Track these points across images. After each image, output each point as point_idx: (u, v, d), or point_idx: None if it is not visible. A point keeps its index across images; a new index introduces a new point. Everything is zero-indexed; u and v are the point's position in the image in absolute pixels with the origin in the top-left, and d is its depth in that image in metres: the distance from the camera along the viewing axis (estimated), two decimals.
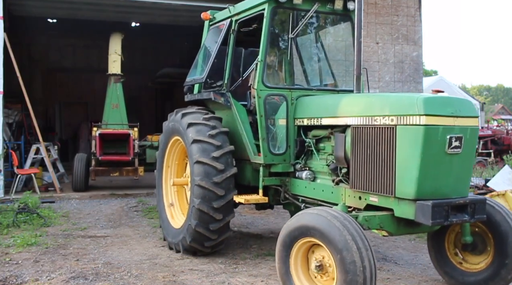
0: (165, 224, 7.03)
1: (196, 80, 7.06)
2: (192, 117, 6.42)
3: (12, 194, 11.07)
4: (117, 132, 12.59)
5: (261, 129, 5.88)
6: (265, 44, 5.89)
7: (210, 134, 6.16)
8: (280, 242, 4.53)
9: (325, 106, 5.58)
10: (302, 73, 7.08)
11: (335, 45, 7.87)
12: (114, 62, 13.31)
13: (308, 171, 5.87)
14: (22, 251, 6.82)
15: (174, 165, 7.17)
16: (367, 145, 4.85)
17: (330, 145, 5.58)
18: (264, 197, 6.06)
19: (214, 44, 6.81)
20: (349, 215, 4.38)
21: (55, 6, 15.24)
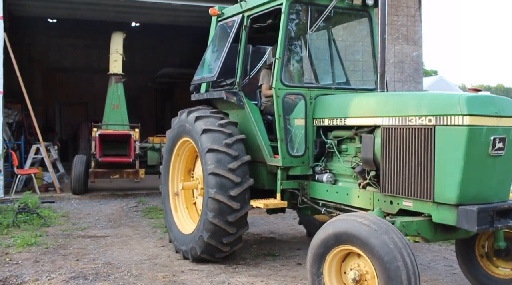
0: (172, 228, 6.77)
1: (206, 78, 6.71)
2: (206, 122, 6.05)
3: (12, 194, 11.07)
4: (117, 133, 12.25)
5: (280, 130, 5.63)
6: (283, 41, 5.64)
7: (227, 143, 5.84)
8: (313, 250, 4.23)
9: (350, 106, 5.29)
10: (319, 71, 6.82)
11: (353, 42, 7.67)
12: (115, 62, 12.97)
13: (329, 173, 5.60)
14: (22, 251, 6.82)
15: (181, 166, 6.89)
16: (400, 146, 4.57)
17: (355, 146, 5.32)
18: (284, 202, 5.78)
19: (223, 41, 6.54)
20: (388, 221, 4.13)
21: (55, 6, 15.23)
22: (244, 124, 6.19)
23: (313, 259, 4.22)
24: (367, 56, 6.52)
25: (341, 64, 6.62)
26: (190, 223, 6.61)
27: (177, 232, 6.60)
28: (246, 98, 6.17)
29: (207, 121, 6.07)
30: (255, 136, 6.04)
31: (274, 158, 5.84)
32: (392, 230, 3.84)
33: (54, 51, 22.23)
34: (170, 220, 6.81)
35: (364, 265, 3.95)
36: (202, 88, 7.07)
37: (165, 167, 6.96)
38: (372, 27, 6.27)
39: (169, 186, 6.92)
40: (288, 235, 8.03)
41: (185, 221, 6.71)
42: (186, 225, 6.63)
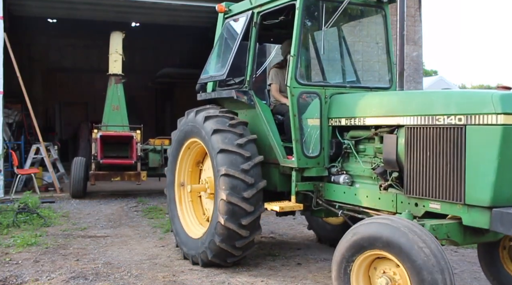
0: (179, 232, 6.51)
1: (215, 77, 6.48)
2: (216, 122, 5.84)
3: (12, 194, 11.08)
4: (119, 135, 11.89)
5: (295, 130, 5.42)
6: (297, 38, 5.43)
7: (239, 144, 5.66)
8: (340, 254, 4.07)
9: (370, 105, 5.11)
10: (333, 70, 6.65)
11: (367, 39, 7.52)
12: (115, 62, 12.70)
13: (346, 175, 5.40)
14: (22, 251, 6.82)
15: (188, 167, 6.66)
16: (426, 147, 4.39)
17: (374, 146, 5.13)
18: (299, 204, 5.57)
19: (231, 38, 6.37)
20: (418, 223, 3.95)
21: (55, 6, 15.24)
22: (254, 124, 6.03)
23: (340, 264, 4.07)
24: (381, 54, 6.34)
25: (351, 62, 6.48)
26: (199, 227, 6.42)
27: (185, 237, 6.38)
28: (257, 97, 6.03)
29: (217, 121, 5.87)
30: (267, 136, 5.88)
31: (288, 159, 5.66)
32: (426, 234, 3.70)
33: (54, 51, 22.24)
34: (177, 225, 6.56)
35: (395, 271, 3.81)
36: (208, 87, 6.88)
37: (171, 170, 6.73)
38: (387, 24, 6.10)
39: (175, 189, 6.69)
40: (288, 235, 8.03)
41: (193, 225, 6.50)
42: (194, 229, 6.41)
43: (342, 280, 4.06)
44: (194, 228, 6.42)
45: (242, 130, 5.84)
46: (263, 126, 5.93)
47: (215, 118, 5.91)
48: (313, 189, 5.61)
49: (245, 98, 6.00)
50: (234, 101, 6.14)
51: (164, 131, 21.46)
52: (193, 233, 6.32)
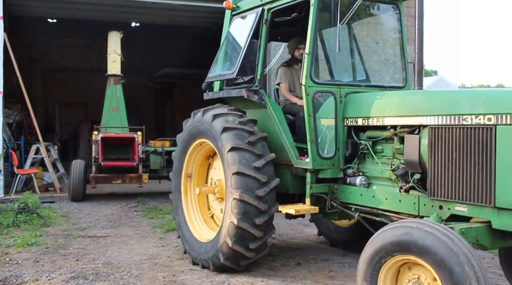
0: (187, 237, 6.29)
1: (224, 75, 6.27)
2: (226, 120, 5.68)
3: (12, 194, 11.08)
4: (121, 136, 11.59)
5: (310, 130, 5.26)
6: (312, 35, 5.28)
7: (249, 141, 5.49)
8: (366, 259, 3.94)
9: (389, 104, 4.98)
10: (347, 68, 6.42)
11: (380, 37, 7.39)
12: (113, 62, 12.45)
13: (362, 176, 5.24)
14: (22, 251, 6.82)
15: (195, 170, 6.45)
16: (452, 147, 4.23)
17: (393, 147, 4.98)
18: (315, 207, 5.40)
19: (240, 36, 6.20)
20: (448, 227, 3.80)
21: (55, 6, 15.24)
22: (264, 124, 5.88)
23: (366, 269, 3.93)
24: (395, 52, 6.17)
25: (361, 60, 6.37)
26: (207, 231, 6.24)
27: (193, 241, 6.16)
28: (267, 97, 5.91)
29: (226, 119, 5.71)
30: (278, 136, 5.72)
31: (301, 160, 5.50)
32: (459, 239, 3.55)
33: (54, 51, 22.23)
34: (184, 230, 6.35)
35: (426, 277, 3.68)
36: (215, 86, 6.71)
37: (177, 173, 6.51)
38: (401, 21, 5.98)
39: (181, 193, 6.49)
40: (288, 235, 8.03)
41: (202, 229, 6.30)
42: (203, 233, 6.22)
43: (369, 283, 3.93)
44: (203, 232, 6.24)
45: (252, 127, 5.68)
46: (274, 126, 5.78)
47: (224, 116, 5.75)
48: (327, 191, 5.45)
49: (256, 98, 5.85)
50: (243, 100, 6.01)
51: (164, 131, 21.53)
52: (201, 237, 6.15)
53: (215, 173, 6.24)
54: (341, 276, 5.84)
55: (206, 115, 5.93)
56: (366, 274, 3.93)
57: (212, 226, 6.32)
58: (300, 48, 6.43)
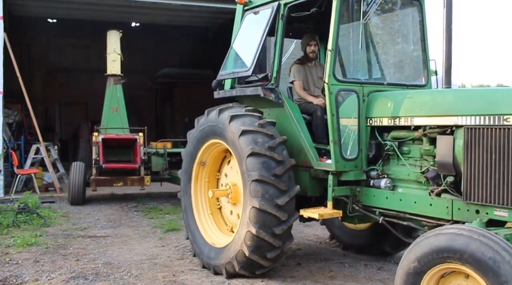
0: (197, 241, 6.07)
1: (239, 73, 6.01)
2: (244, 122, 5.41)
3: (12, 194, 11.07)
4: (122, 137, 11.25)
5: (333, 131, 5.05)
6: (335, 31, 5.07)
7: (270, 146, 5.24)
8: (407, 267, 3.76)
9: (419, 103, 4.79)
10: (369, 65, 6.19)
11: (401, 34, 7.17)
12: (113, 62, 12.10)
13: (387, 178, 5.06)
14: (22, 251, 6.82)
15: (206, 171, 6.22)
16: (491, 149, 4.05)
17: (422, 148, 4.79)
18: (338, 211, 5.19)
19: (253, 32, 5.98)
20: None
21: (55, 6, 15.25)
22: (280, 124, 5.63)
23: (406, 278, 3.74)
24: (416, 49, 6.02)
25: (377, 58, 6.19)
26: (219, 235, 6.04)
27: (204, 246, 5.95)
28: (284, 95, 5.70)
29: (244, 120, 5.43)
30: (296, 137, 5.52)
31: (322, 162, 5.31)
32: (507, 244, 3.39)
33: (54, 51, 22.22)
34: (194, 233, 6.13)
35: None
36: (226, 84, 6.48)
37: (187, 173, 6.27)
38: (423, 17, 5.78)
39: (191, 194, 6.25)
40: None
41: (213, 233, 6.09)
42: (214, 237, 6.02)
43: None
44: (215, 236, 6.04)
45: (271, 130, 5.43)
46: (291, 126, 5.57)
47: (242, 118, 5.48)
48: (349, 194, 5.25)
49: (272, 96, 5.63)
50: (257, 99, 5.80)
51: (164, 132, 21.53)
52: (213, 241, 5.95)
53: (228, 177, 6.03)
54: (341, 276, 5.84)
55: (223, 115, 5.64)
56: (407, 282, 3.75)
57: (222, 227, 6.14)
58: (312, 45, 6.30)
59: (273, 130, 5.46)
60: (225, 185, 5.98)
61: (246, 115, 5.54)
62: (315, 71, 6.41)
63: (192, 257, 6.46)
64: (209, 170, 6.22)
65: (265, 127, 5.41)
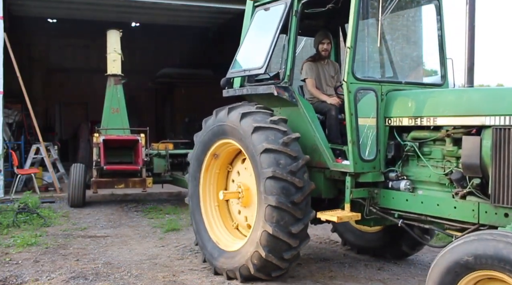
0: (207, 245, 5.88)
1: (250, 71, 5.83)
2: (256, 119, 5.27)
3: (12, 194, 11.07)
4: (124, 138, 10.98)
5: (352, 131, 4.92)
6: (354, 28, 4.93)
7: (284, 142, 5.09)
8: (438, 277, 3.65)
9: (443, 103, 4.66)
10: (387, 64, 6.07)
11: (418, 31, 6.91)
12: (114, 62, 11.80)
13: (407, 180, 4.92)
14: (22, 251, 6.82)
15: (215, 172, 6.06)
16: None
17: (444, 149, 4.64)
18: (357, 214, 5.02)
19: (264, 28, 5.85)
20: None
21: (55, 6, 15.26)
22: (292, 123, 5.45)
23: (440, 282, 3.63)
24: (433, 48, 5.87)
25: (389, 56, 6.10)
26: (230, 238, 5.89)
27: (215, 249, 5.77)
28: (298, 94, 5.57)
29: (256, 117, 5.29)
30: (310, 137, 5.36)
31: (339, 163, 5.17)
32: None
33: (54, 51, 22.21)
34: (204, 237, 5.94)
35: None
36: (235, 82, 6.30)
37: (194, 176, 6.10)
38: (440, 14, 5.67)
39: (200, 197, 6.06)
40: None
41: (223, 236, 5.91)
42: (225, 240, 5.85)
43: None
44: (226, 240, 5.87)
45: (285, 127, 5.29)
46: (305, 125, 5.43)
47: (253, 115, 5.34)
48: (367, 196, 5.12)
49: (286, 95, 5.46)
50: (267, 98, 5.67)
51: (164, 132, 21.53)
52: (224, 245, 5.79)
53: (238, 177, 5.89)
54: (341, 276, 5.84)
55: (232, 114, 5.49)
56: None
57: (233, 232, 6.00)
58: (324, 43, 6.18)
59: (286, 127, 5.31)
60: (238, 187, 5.77)
61: (258, 112, 5.40)
62: (327, 69, 6.29)
63: (192, 257, 6.47)
64: (220, 164, 6.05)
65: (278, 123, 5.28)
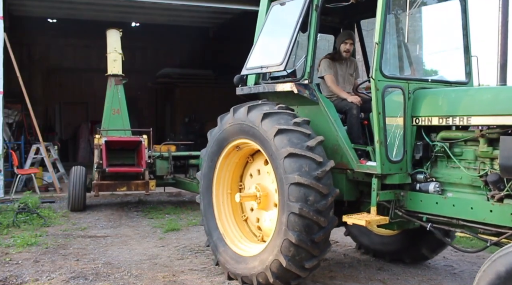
0: (220, 249, 5.65)
1: (268, 68, 5.57)
2: (279, 120, 5.03)
3: (12, 194, 11.06)
4: (127, 140, 10.63)
5: (379, 131, 4.73)
6: (382, 22, 4.75)
7: (309, 146, 4.87)
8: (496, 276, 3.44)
9: (478, 102, 4.48)
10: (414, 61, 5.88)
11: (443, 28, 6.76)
12: (114, 61, 11.47)
13: (436, 182, 4.75)
14: (22, 251, 6.82)
15: (229, 173, 5.82)
16: None
17: (478, 150, 4.46)
18: (385, 217, 4.84)
19: (282, 25, 5.68)
20: None
21: (55, 6, 15.28)
22: (312, 123, 5.23)
23: None
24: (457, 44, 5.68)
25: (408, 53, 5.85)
26: (245, 242, 5.68)
27: (229, 254, 5.56)
28: (319, 92, 5.37)
29: (279, 119, 5.05)
30: (334, 137, 5.19)
31: (364, 164, 5.00)
32: None
33: (54, 51, 22.22)
34: (218, 240, 5.70)
35: None
36: (249, 80, 6.09)
37: (207, 176, 5.83)
38: (466, 9, 5.48)
39: (213, 199, 5.83)
40: None
41: (238, 240, 5.69)
42: (240, 245, 5.64)
43: None
44: (241, 244, 5.65)
45: (308, 129, 5.05)
46: (326, 125, 5.24)
47: (276, 116, 5.10)
48: (392, 199, 4.92)
49: (306, 93, 5.24)
50: (284, 96, 5.46)
51: (164, 132, 21.54)
52: (240, 249, 5.57)
53: (255, 178, 5.66)
54: (341, 276, 5.84)
55: (253, 113, 5.22)
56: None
57: (248, 234, 5.79)
58: (347, 43, 6.02)
59: (310, 129, 5.09)
60: (255, 188, 5.51)
61: (280, 113, 5.15)
62: (346, 67, 6.14)
63: (192, 257, 6.47)
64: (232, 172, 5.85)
65: (301, 125, 5.05)
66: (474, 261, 6.50)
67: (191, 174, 10.75)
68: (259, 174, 5.62)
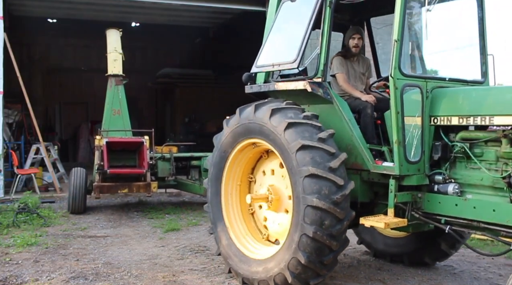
0: (231, 255, 5.46)
1: (280, 65, 5.44)
2: (288, 115, 4.92)
3: (12, 194, 11.07)
4: (128, 141, 10.48)
5: (398, 130, 4.62)
6: (401, 19, 4.63)
7: (320, 138, 4.74)
8: None
9: (502, 101, 4.38)
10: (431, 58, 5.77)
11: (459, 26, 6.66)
12: (114, 61, 11.15)
13: (455, 183, 4.64)
14: (22, 251, 6.82)
15: (238, 175, 5.66)
16: None
17: (500, 150, 4.36)
18: (404, 219, 4.72)
19: (294, 22, 5.59)
20: None
21: (55, 6, 15.29)
22: (324, 122, 5.06)
23: None
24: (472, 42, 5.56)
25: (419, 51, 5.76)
26: (250, 240, 5.54)
27: (233, 250, 5.44)
28: (333, 91, 5.26)
29: (288, 113, 4.96)
30: (348, 136, 5.06)
31: (380, 165, 4.87)
32: None
33: (54, 51, 22.23)
34: (222, 232, 5.57)
35: None
36: (258, 78, 5.97)
37: (216, 181, 5.65)
38: (482, 6, 5.39)
39: (222, 202, 5.63)
40: None
41: (243, 237, 5.55)
42: (245, 242, 5.50)
43: None
44: (245, 241, 5.52)
45: (319, 122, 4.96)
46: (340, 124, 5.11)
47: (284, 111, 5.00)
48: (410, 201, 4.81)
49: (320, 91, 5.10)
50: (295, 94, 5.33)
51: (164, 132, 21.54)
52: (245, 247, 5.44)
53: (266, 180, 5.52)
54: (341, 276, 5.84)
55: (260, 111, 5.12)
56: None
57: (253, 230, 5.65)
58: (355, 37, 5.89)
59: (319, 121, 4.98)
60: (267, 190, 5.35)
61: (289, 108, 5.06)
62: (358, 66, 6.03)
63: (192, 257, 6.47)
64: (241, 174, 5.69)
65: (311, 119, 4.95)
66: (474, 261, 6.51)
67: (192, 175, 10.68)
68: (272, 174, 5.46)
